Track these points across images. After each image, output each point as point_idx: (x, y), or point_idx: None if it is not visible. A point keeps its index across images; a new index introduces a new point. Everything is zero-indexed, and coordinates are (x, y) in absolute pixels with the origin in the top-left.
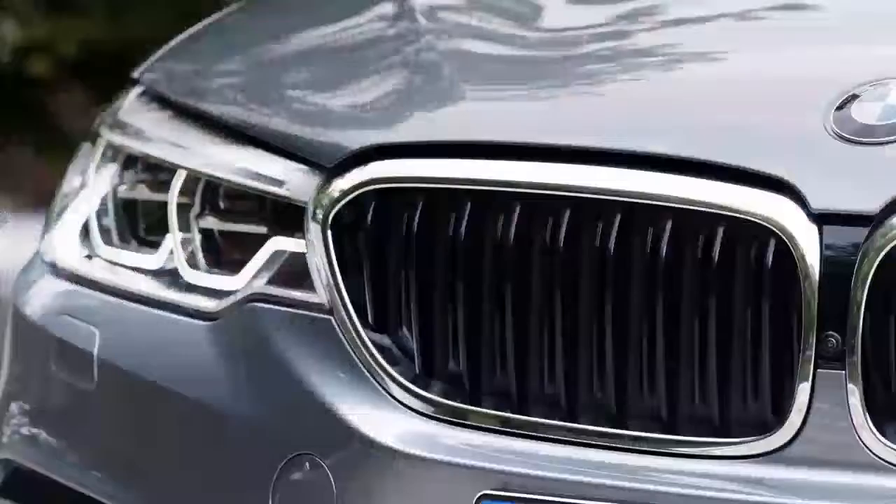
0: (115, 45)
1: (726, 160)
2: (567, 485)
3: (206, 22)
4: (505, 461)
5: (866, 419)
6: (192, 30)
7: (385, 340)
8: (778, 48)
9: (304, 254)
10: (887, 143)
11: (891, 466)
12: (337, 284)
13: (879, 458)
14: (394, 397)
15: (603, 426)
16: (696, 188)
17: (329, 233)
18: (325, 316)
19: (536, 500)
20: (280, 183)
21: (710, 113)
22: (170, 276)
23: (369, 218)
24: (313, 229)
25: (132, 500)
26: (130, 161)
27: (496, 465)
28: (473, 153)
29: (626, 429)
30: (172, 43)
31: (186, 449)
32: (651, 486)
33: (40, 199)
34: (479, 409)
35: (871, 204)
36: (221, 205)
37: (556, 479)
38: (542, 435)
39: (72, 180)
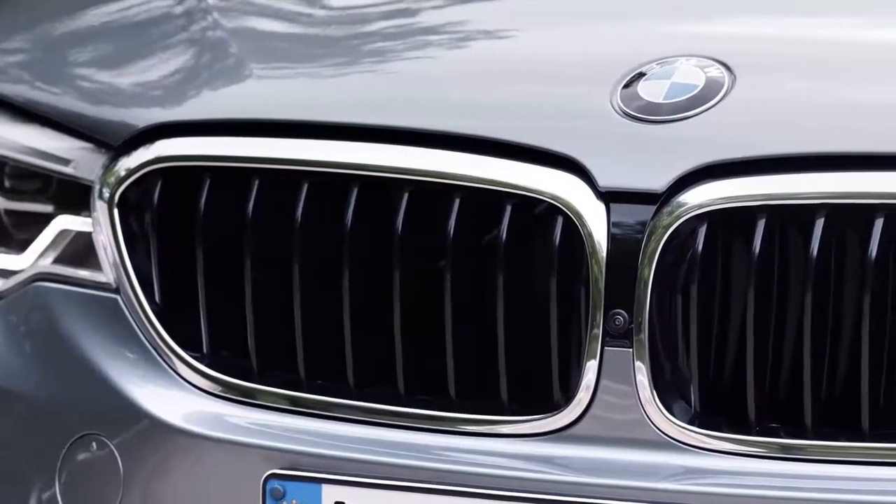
0: None
1: (515, 138)
2: (357, 464)
3: None
4: (294, 440)
5: (653, 396)
6: None
7: (173, 319)
8: (566, 26)
9: (90, 233)
10: (672, 121)
11: (677, 443)
12: (123, 263)
13: (666, 435)
14: (181, 377)
15: (392, 405)
16: (485, 166)
17: (115, 211)
18: (112, 295)
19: (326, 479)
20: (66, 161)
21: (497, 91)
22: None
23: (156, 196)
24: (100, 208)
25: None
26: None
27: (284, 444)
28: (260, 131)
29: (416, 408)
30: None
31: None
32: (440, 465)
33: None
34: (267, 388)
35: (657, 182)
36: (7, 183)
37: (346, 458)
38: (332, 414)
39: None
